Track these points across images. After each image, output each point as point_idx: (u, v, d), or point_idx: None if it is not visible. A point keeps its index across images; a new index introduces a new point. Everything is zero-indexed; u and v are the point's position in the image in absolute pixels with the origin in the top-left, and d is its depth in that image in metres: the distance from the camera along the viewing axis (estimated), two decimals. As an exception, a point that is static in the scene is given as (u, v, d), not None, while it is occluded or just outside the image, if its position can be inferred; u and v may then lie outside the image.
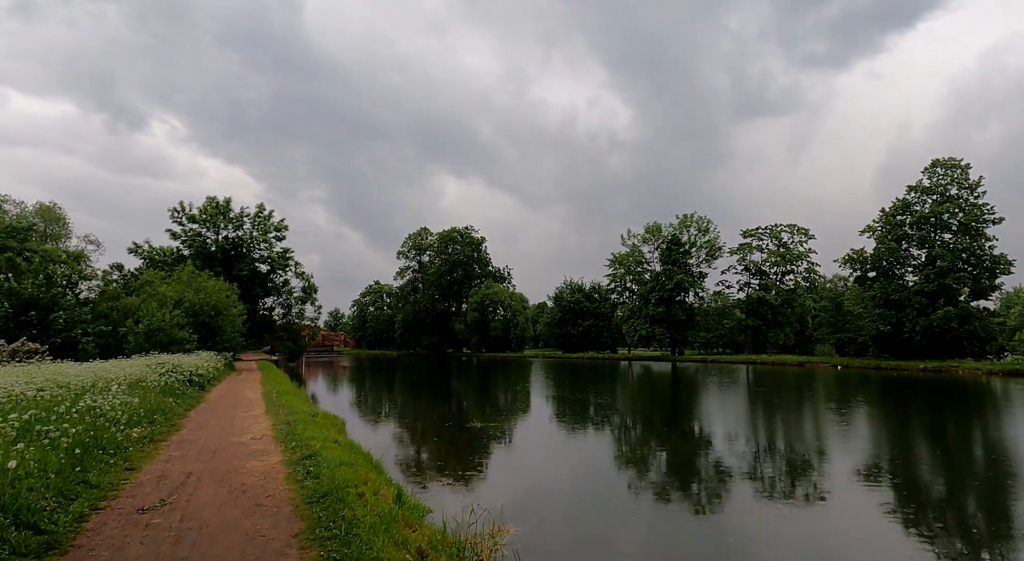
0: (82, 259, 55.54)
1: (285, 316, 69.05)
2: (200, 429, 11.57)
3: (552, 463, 12.41)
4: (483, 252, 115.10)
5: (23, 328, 32.31)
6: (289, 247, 66.99)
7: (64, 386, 13.75)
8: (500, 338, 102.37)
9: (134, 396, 12.77)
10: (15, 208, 61.51)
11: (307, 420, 12.29)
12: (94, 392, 11.42)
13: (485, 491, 9.36)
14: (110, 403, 10.23)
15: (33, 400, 10.52)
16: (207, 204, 62.63)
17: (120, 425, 9.57)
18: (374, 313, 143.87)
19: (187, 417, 13.62)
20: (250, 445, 9.56)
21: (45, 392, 11.84)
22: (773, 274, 77.07)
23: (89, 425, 8.96)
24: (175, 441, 10.16)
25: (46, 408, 9.82)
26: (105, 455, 8.09)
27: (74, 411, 9.28)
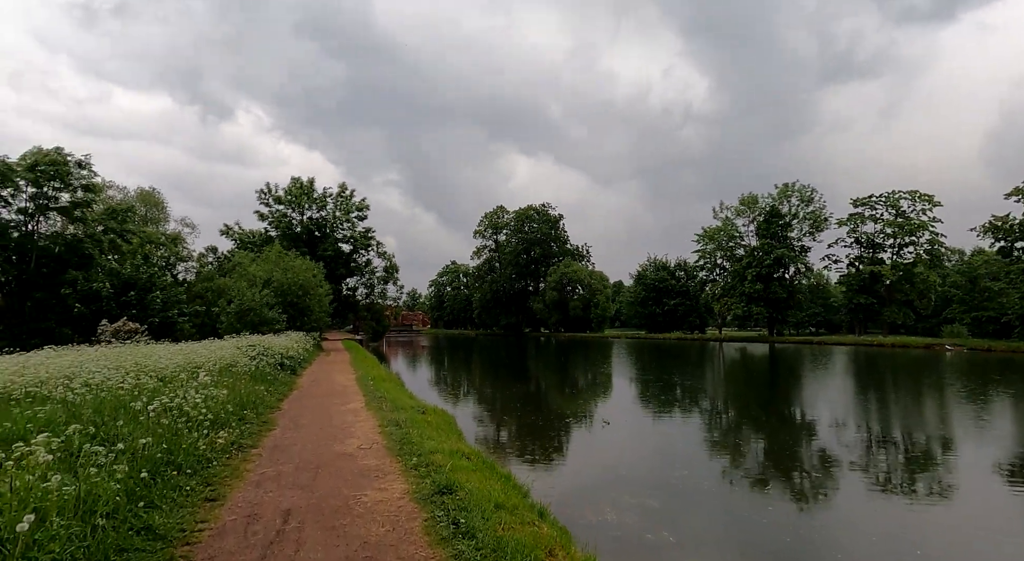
0: (179, 241, 57.28)
1: (368, 296, 69.23)
2: (295, 429, 9.64)
3: (662, 452, 10.51)
4: (560, 230, 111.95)
5: (124, 308, 32.83)
6: (371, 227, 66.75)
7: (151, 372, 12.38)
8: (579, 318, 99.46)
9: (222, 386, 11.10)
10: (119, 193, 64.39)
11: (417, 420, 10.13)
12: (176, 384, 9.69)
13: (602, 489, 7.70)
14: (193, 400, 8.38)
15: (107, 397, 8.88)
16: (292, 185, 63.13)
17: (204, 428, 7.68)
18: (451, 293, 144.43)
19: (279, 410, 11.85)
20: (359, 459, 7.40)
21: (127, 381, 10.32)
22: (889, 247, 69.40)
23: (166, 430, 7.10)
24: (267, 447, 8.20)
25: (118, 406, 8.11)
26: (181, 476, 6.12)
27: (150, 409, 7.47)
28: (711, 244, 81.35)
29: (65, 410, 8.04)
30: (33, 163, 33.93)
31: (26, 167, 33.81)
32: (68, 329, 32.62)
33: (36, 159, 34.04)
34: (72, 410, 8.00)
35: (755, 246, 73.60)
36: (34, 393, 9.85)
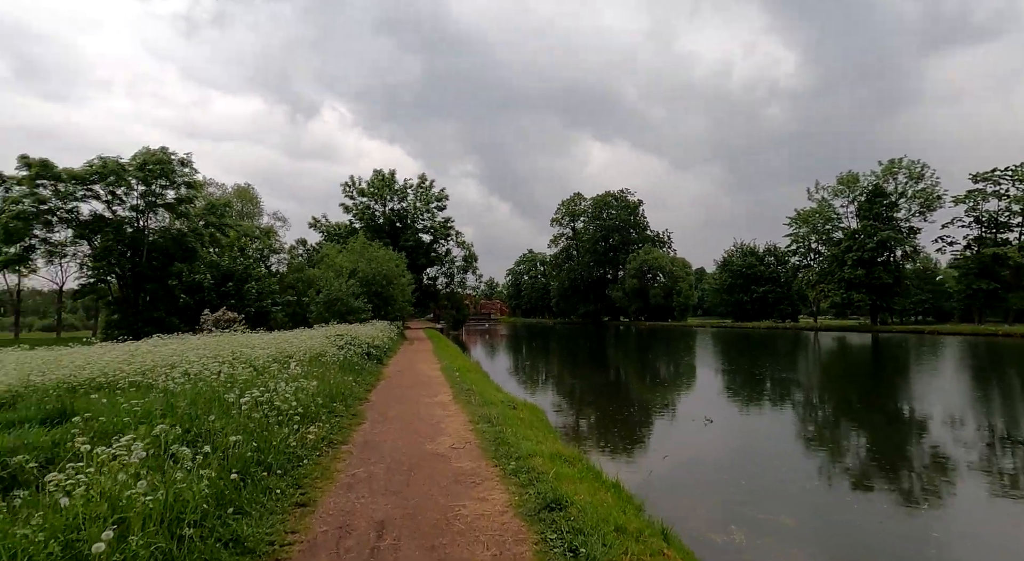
0: (272, 234, 60.11)
1: (448, 285, 70.08)
2: (384, 423, 9.28)
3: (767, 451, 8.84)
4: (640, 216, 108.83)
5: (223, 298, 34.64)
6: (450, 217, 67.37)
7: (245, 361, 12.54)
8: (661, 306, 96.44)
9: (312, 377, 10.99)
10: (218, 190, 68.54)
11: (509, 415, 9.53)
12: (268, 376, 9.58)
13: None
14: (284, 393, 8.16)
15: (203, 388, 8.87)
16: (374, 177, 64.69)
17: (294, 423, 7.41)
18: (528, 281, 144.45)
19: (367, 401, 11.63)
20: (452, 460, 6.85)
21: (223, 371, 10.38)
22: (1017, 226, 62.09)
23: (257, 425, 6.84)
24: (357, 443, 7.84)
25: (212, 398, 8.01)
26: (271, 477, 5.77)
27: (243, 402, 7.26)
28: (805, 227, 76.17)
29: (164, 401, 8.03)
30: (142, 162, 36.37)
31: (136, 166, 36.28)
32: (176, 318, 34.85)
33: (145, 158, 36.45)
34: (170, 400, 7.98)
35: (856, 229, 68.09)
36: (138, 382, 10.10)
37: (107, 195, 36.87)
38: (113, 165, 35.35)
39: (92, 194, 36.24)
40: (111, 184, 35.77)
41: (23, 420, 7.88)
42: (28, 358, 14.31)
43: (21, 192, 33.56)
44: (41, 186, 34.38)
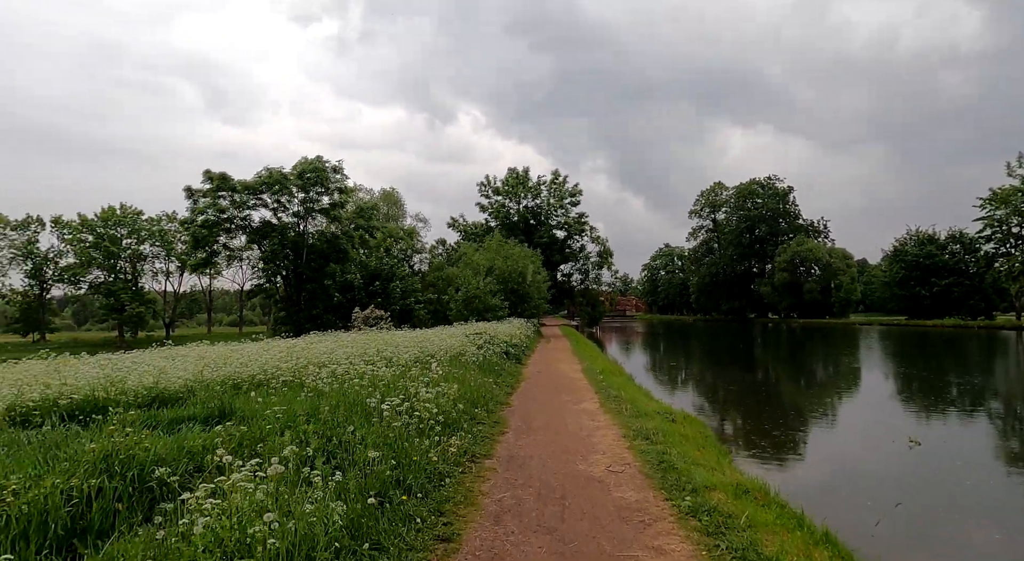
0: (414, 235, 63.01)
1: (583, 281, 69.01)
2: (528, 434, 8.50)
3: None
4: (790, 204, 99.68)
5: (371, 297, 36.62)
6: (584, 212, 66.26)
7: (388, 360, 12.51)
8: (816, 302, 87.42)
9: (452, 379, 10.56)
10: (366, 195, 73.48)
11: (669, 431, 8.29)
12: (408, 380, 9.23)
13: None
14: (425, 398, 7.68)
15: (347, 389, 8.70)
16: (508, 175, 65.40)
17: (435, 434, 6.85)
18: (665, 277, 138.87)
19: (508, 407, 10.98)
20: (611, 488, 5.82)
21: (367, 373, 10.28)
22: None
23: (398, 435, 6.35)
24: (501, 458, 7.11)
25: (355, 402, 7.73)
26: (411, 500, 5.16)
27: (384, 408, 6.83)
28: (1003, 209, 64.54)
29: (310, 403, 7.92)
30: (301, 171, 39.64)
31: (296, 175, 39.63)
32: (331, 315, 37.51)
33: (303, 168, 39.70)
34: (315, 404, 7.84)
35: (1075, 208, 56.30)
36: (290, 381, 10.30)
37: (273, 203, 40.70)
38: (277, 175, 38.89)
39: (261, 202, 40.20)
40: (276, 192, 39.39)
41: (190, 417, 8.20)
42: (206, 353, 15.64)
43: (206, 203, 38.11)
44: (221, 197, 38.78)
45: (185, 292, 75.39)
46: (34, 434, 7.01)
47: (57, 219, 63.73)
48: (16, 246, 62.78)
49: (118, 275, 64.35)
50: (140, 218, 65.77)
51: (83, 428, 7.86)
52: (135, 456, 4.90)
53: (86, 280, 64.57)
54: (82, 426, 8.05)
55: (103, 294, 64.03)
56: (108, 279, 63.86)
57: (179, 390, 10.39)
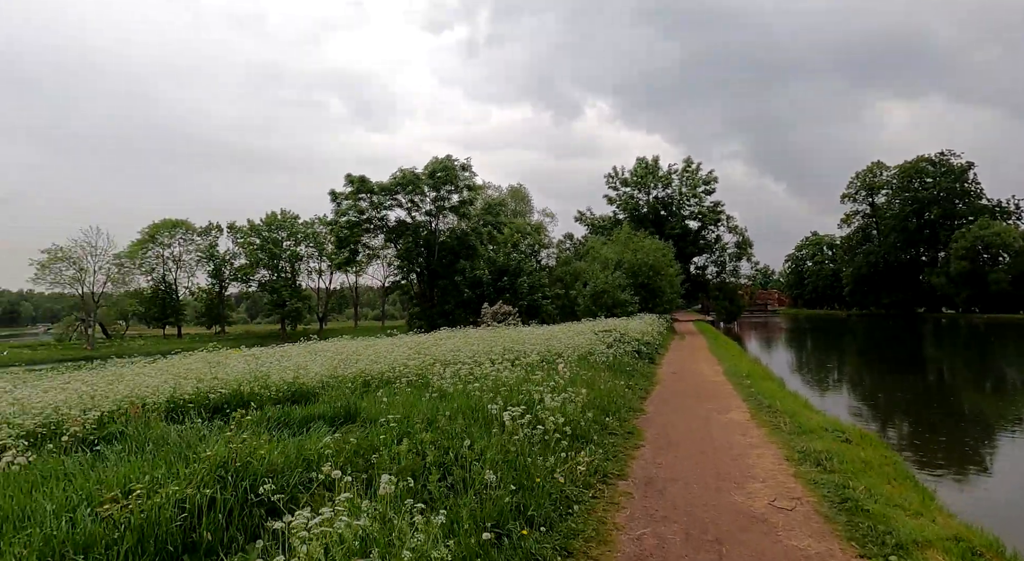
0: (541, 230, 62.97)
1: (719, 274, 64.79)
2: (667, 450, 7.47)
3: None
4: (969, 182, 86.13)
5: (500, 292, 36.88)
6: (720, 200, 62.07)
7: (514, 360, 12.02)
8: (1005, 294, 74.60)
9: (580, 382, 9.76)
10: (494, 192, 74.84)
11: (846, 455, 6.82)
12: (533, 383, 8.57)
13: None
14: (550, 407, 6.98)
15: (471, 391, 8.25)
16: (637, 166, 63.06)
17: (561, 447, 6.10)
18: (813, 268, 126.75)
19: (643, 414, 9.95)
20: (781, 534, 4.69)
21: (490, 375, 9.82)
22: None
23: (520, 449, 5.69)
24: (637, 479, 6.19)
25: (476, 408, 7.22)
26: (532, 532, 4.44)
27: (505, 418, 6.22)
28: None
29: (430, 408, 7.56)
30: (432, 171, 41.00)
31: (428, 174, 41.07)
32: (462, 310, 38.40)
33: (434, 167, 41.04)
34: (434, 409, 7.46)
35: None
36: (414, 382, 10.12)
37: (407, 202, 42.56)
38: (410, 175, 40.57)
39: (396, 203, 42.23)
40: (410, 192, 41.12)
41: (319, 416, 8.23)
42: (343, 349, 16.28)
43: (347, 205, 40.79)
44: (361, 199, 41.29)
45: (335, 289, 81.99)
46: (181, 429, 7.34)
47: (232, 225, 72.34)
48: (201, 250, 72.24)
49: (280, 274, 71.46)
50: (297, 222, 72.48)
51: (225, 423, 8.19)
52: (249, 465, 4.72)
53: (255, 278, 72.54)
54: (224, 420, 8.42)
55: (268, 291, 71.45)
56: (272, 278, 71.13)
57: (315, 386, 10.67)
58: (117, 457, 5.97)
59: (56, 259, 57.11)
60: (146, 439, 6.74)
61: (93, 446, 7.07)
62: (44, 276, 57.32)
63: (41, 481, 5.26)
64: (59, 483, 5.02)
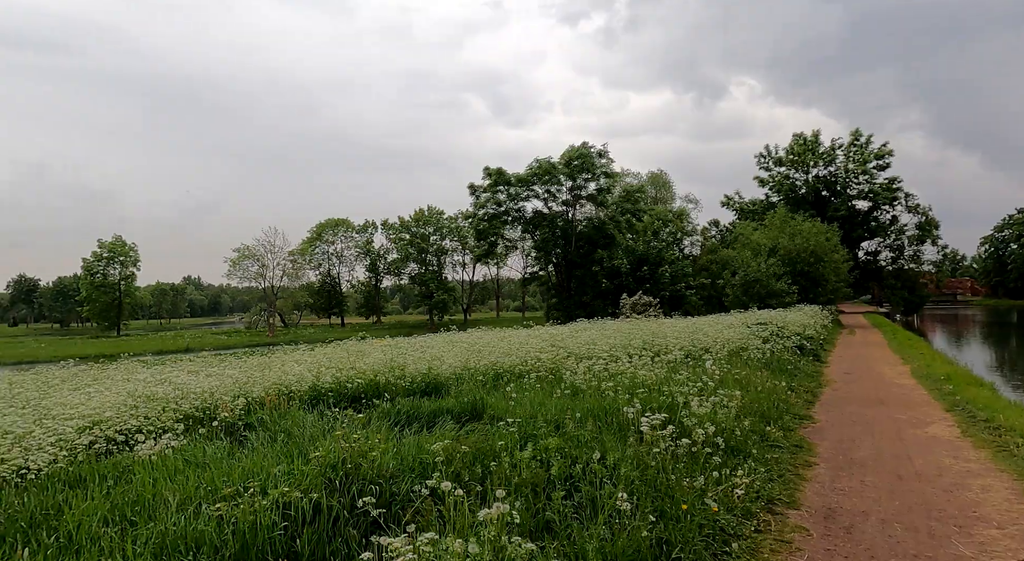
0: (684, 217, 59.66)
1: (895, 260, 56.81)
2: (849, 471, 6.07)
3: None
4: None
5: (639, 282, 35.30)
6: (896, 176, 54.25)
7: (655, 354, 10.97)
8: None
9: (733, 382, 8.50)
10: (634, 179, 72.35)
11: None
12: (674, 384, 7.51)
13: None
14: (698, 414, 5.97)
15: (605, 389, 7.45)
16: (793, 142, 57.20)
17: (712, 464, 5.08)
18: (1019, 251, 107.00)
19: (811, 424, 8.42)
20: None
21: (627, 372, 8.92)
22: None
23: (660, 464, 4.80)
24: (814, 511, 4.98)
25: (610, 411, 6.41)
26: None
27: (643, 425, 5.33)
28: None
29: (560, 407, 6.87)
30: (568, 159, 40.33)
31: (564, 163, 40.48)
32: (600, 301, 37.38)
33: (570, 155, 40.33)
34: (564, 406, 6.76)
35: None
36: (544, 378, 9.50)
37: (544, 193, 42.34)
38: (546, 165, 40.26)
39: (533, 194, 42.20)
40: (546, 182, 40.85)
41: (447, 410, 7.93)
42: (479, 339, 16.23)
43: (485, 198, 41.55)
44: (498, 191, 41.82)
45: (477, 281, 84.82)
46: (314, 419, 7.41)
47: (385, 222, 77.89)
48: (359, 246, 78.74)
49: (427, 267, 75.51)
50: (442, 217, 75.98)
51: (357, 413, 8.21)
52: (360, 467, 4.36)
53: (406, 272, 77.40)
54: (358, 411, 8.45)
55: (417, 283, 75.90)
56: (420, 271, 75.40)
57: (448, 377, 10.53)
58: (250, 447, 6.06)
59: (243, 257, 65.48)
60: (278, 429, 6.85)
61: (240, 432, 7.37)
62: (235, 272, 66.05)
63: (183, 466, 5.42)
64: (194, 472, 5.10)
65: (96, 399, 7.92)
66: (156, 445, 6.23)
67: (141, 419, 7.01)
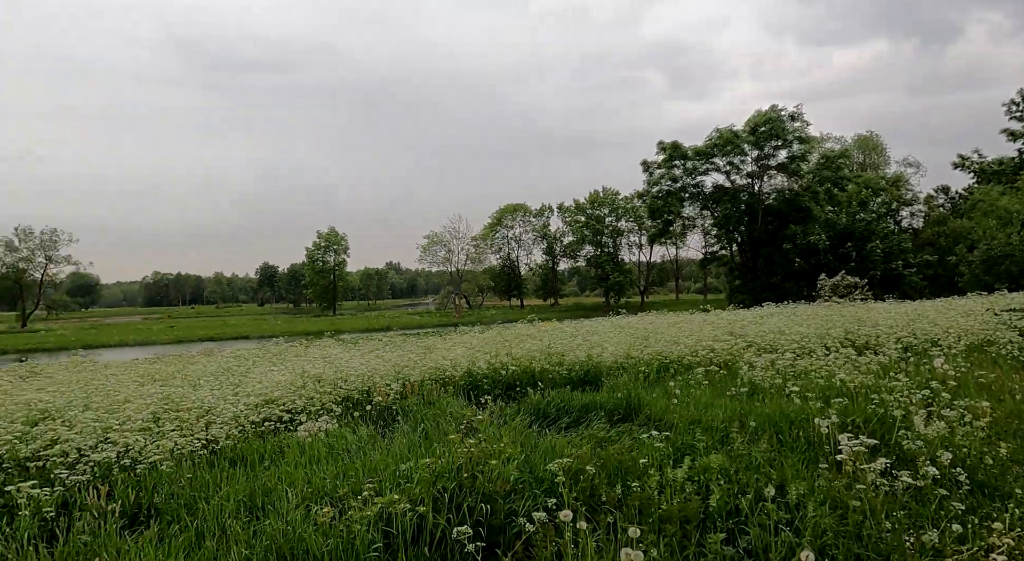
0: (901, 184, 50.88)
1: None
2: None
3: None
4: None
5: (841, 261, 30.71)
6: None
7: (860, 348, 9.04)
8: None
9: (975, 389, 6.45)
10: (836, 144, 63.39)
11: None
12: (884, 391, 5.82)
13: None
14: (927, 436, 4.45)
15: (792, 390, 6.10)
16: (1060, 80, 45.19)
17: (950, 510, 3.64)
18: None
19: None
20: None
21: (823, 367, 7.32)
22: None
23: (866, 506, 3.53)
24: None
25: (795, 420, 5.12)
26: None
27: (844, 441, 4.04)
28: None
29: (729, 412, 5.70)
30: (753, 126, 36.31)
31: (748, 131, 36.55)
32: (792, 283, 33.29)
33: (755, 121, 36.26)
34: (735, 410, 5.58)
35: None
36: (716, 373, 8.19)
37: (725, 165, 38.76)
38: (728, 134, 36.71)
39: (712, 166, 38.86)
40: (728, 154, 37.32)
41: (600, 406, 7.19)
42: (650, 324, 15.11)
43: (659, 174, 39.23)
44: (674, 167, 39.22)
45: (655, 262, 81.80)
46: (458, 407, 7.16)
47: (561, 205, 78.72)
48: (536, 229, 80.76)
49: (603, 249, 74.68)
50: (617, 198, 74.40)
51: (506, 404, 7.81)
52: (477, 479, 3.81)
53: (581, 254, 77.51)
54: (513, 399, 8.07)
55: (593, 265, 75.58)
56: (596, 253, 74.88)
57: (609, 367, 9.79)
58: (389, 437, 5.93)
59: (432, 243, 70.94)
60: (422, 417, 6.69)
61: (394, 416, 7.42)
62: (425, 257, 71.98)
63: (325, 453, 5.43)
64: (328, 462, 5.04)
65: (270, 377, 8.56)
66: (314, 426, 6.44)
67: (305, 399, 7.36)
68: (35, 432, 5.62)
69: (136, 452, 5.20)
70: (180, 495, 4.60)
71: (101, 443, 5.36)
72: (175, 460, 5.11)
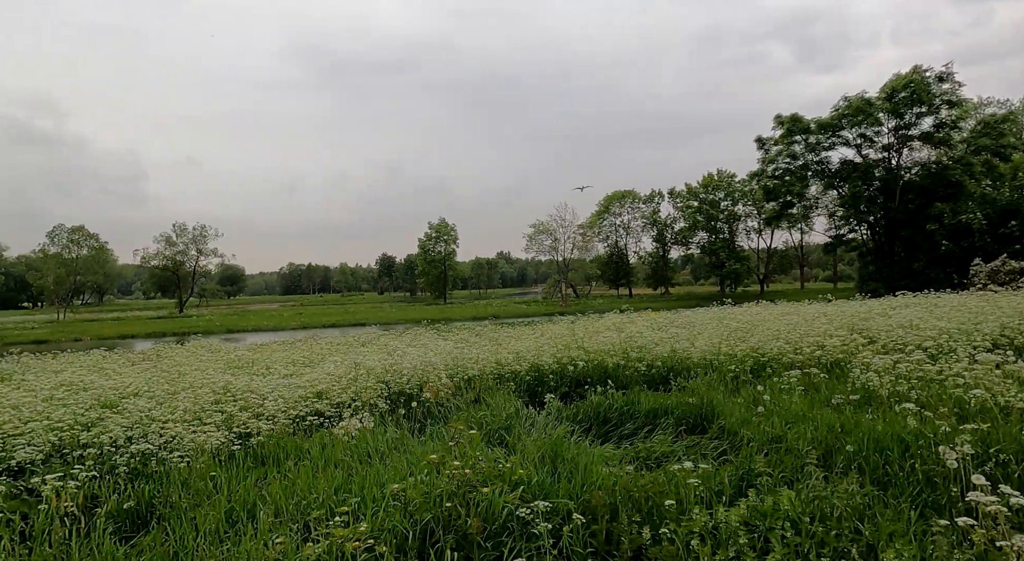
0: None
1: None
2: None
3: None
4: None
5: (1002, 243, 26.10)
6: None
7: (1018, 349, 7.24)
8: None
9: None
10: (999, 108, 54.66)
11: None
12: None
13: None
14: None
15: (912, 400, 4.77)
16: None
17: None
18: None
19: None
20: None
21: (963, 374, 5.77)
22: None
23: None
24: None
25: (906, 443, 3.89)
26: None
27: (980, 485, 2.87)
28: None
29: (823, 427, 4.51)
30: (890, 92, 31.88)
31: (883, 98, 32.14)
32: (938, 269, 28.93)
33: (893, 86, 31.80)
34: (830, 425, 4.38)
35: None
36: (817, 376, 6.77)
37: (856, 138, 34.44)
38: (858, 102, 32.50)
39: (840, 140, 34.67)
40: (858, 124, 33.09)
41: (669, 411, 6.19)
42: (751, 317, 13.49)
43: (777, 151, 35.66)
44: (794, 143, 35.49)
45: (777, 248, 75.74)
46: (504, 404, 6.48)
47: (672, 190, 75.20)
48: (645, 216, 77.88)
49: (717, 235, 70.38)
50: (734, 180, 69.64)
51: (566, 404, 7.03)
52: (461, 516, 3.07)
53: (694, 241, 73.62)
54: (566, 401, 7.27)
55: (707, 253, 71.50)
56: (710, 239, 70.75)
57: (698, 363, 8.71)
58: (420, 444, 5.37)
59: (538, 232, 70.77)
60: (466, 417, 6.09)
61: (447, 412, 6.93)
62: (531, 246, 71.98)
63: (349, 456, 5.00)
64: (345, 468, 4.59)
65: (322, 369, 8.39)
66: (350, 423, 6.08)
67: (352, 394, 7.05)
68: (93, 417, 5.73)
69: (175, 444, 5.09)
70: (186, 496, 4.34)
71: (140, 436, 5.32)
72: (193, 456, 4.90)
